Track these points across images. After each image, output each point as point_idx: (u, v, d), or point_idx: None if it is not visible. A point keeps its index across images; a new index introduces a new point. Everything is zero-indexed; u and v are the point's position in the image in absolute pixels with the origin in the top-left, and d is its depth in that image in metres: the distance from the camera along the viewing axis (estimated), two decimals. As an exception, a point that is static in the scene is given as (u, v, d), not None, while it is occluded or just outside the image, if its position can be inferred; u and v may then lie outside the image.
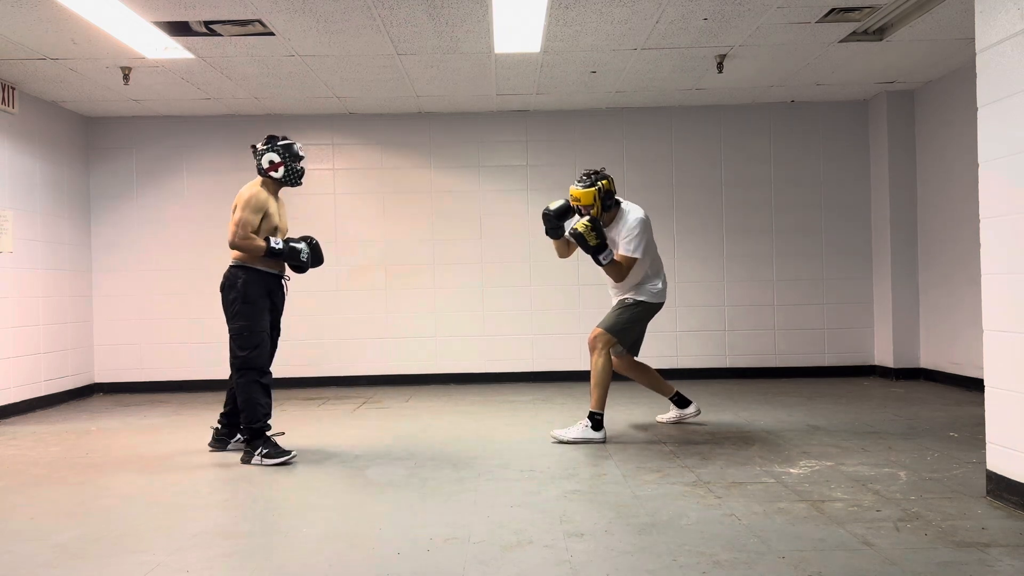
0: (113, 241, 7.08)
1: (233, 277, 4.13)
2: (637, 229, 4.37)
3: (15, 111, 5.97)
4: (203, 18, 4.67)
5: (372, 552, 2.69)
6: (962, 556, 2.53)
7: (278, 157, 4.18)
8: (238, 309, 4.10)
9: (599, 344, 4.44)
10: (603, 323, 4.52)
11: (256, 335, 4.11)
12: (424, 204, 7.14)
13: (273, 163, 4.18)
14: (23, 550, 2.80)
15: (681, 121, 7.17)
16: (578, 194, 4.36)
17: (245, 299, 4.09)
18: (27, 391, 6.08)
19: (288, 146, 4.22)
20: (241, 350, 4.09)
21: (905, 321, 6.82)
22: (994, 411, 3.18)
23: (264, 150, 4.20)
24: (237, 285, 4.10)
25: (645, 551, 2.63)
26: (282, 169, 4.19)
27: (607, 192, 4.36)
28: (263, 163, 4.19)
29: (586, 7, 4.60)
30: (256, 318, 4.11)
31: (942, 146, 6.41)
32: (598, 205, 4.35)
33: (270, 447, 4.04)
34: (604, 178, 4.37)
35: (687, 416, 4.87)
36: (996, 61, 3.09)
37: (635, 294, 4.53)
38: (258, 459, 4.02)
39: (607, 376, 4.43)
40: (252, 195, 4.11)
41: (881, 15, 4.92)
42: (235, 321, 4.11)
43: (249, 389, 4.07)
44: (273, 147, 4.20)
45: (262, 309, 4.14)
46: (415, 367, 7.12)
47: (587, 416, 4.44)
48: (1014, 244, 3.03)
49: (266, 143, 4.22)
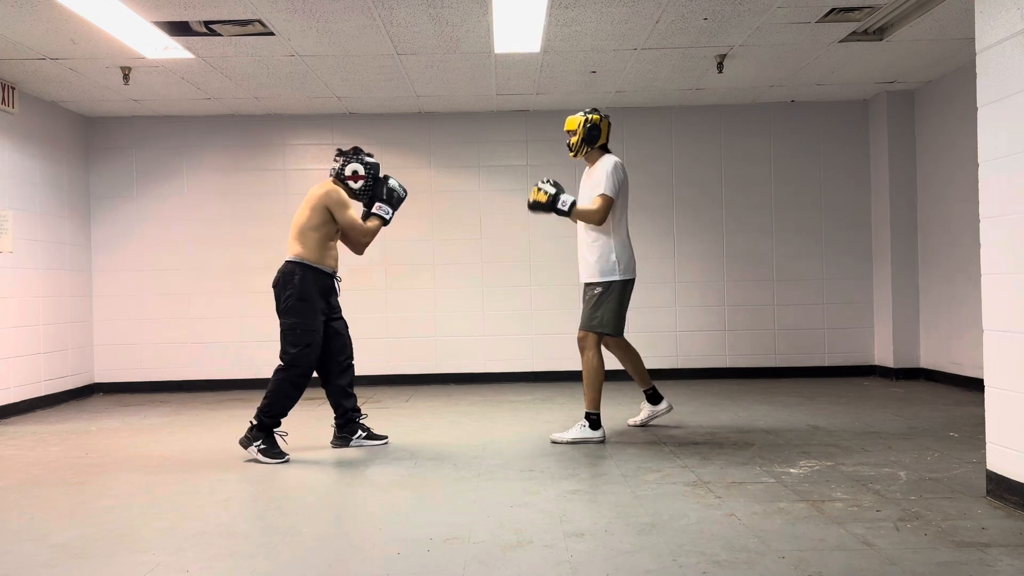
0: (113, 241, 7.08)
1: (289, 274, 4.14)
2: (610, 169, 4.33)
3: (15, 111, 5.97)
4: (203, 18, 4.67)
5: (372, 552, 2.69)
6: (962, 556, 2.52)
7: (363, 170, 4.33)
8: (292, 305, 4.12)
9: (587, 344, 4.39)
10: (583, 323, 4.42)
11: (308, 333, 4.13)
12: (424, 204, 7.14)
13: (356, 174, 4.32)
14: (23, 550, 2.80)
15: (681, 121, 7.17)
16: (569, 119, 4.49)
17: (300, 296, 4.11)
18: (27, 391, 6.08)
19: (376, 165, 4.38)
20: (292, 347, 4.11)
21: (905, 321, 6.82)
22: (994, 411, 3.17)
23: (352, 159, 4.34)
24: (294, 281, 4.11)
25: (645, 551, 2.62)
26: (362, 183, 4.33)
27: (593, 125, 4.41)
28: (346, 170, 4.31)
29: (586, 7, 4.60)
30: (310, 316, 4.14)
31: (942, 146, 6.41)
32: (580, 133, 4.42)
33: (270, 444, 4.07)
34: (597, 114, 4.43)
35: (659, 413, 4.76)
36: (996, 61, 3.09)
37: (597, 275, 4.38)
38: (254, 451, 4.06)
39: (599, 375, 4.39)
40: (336, 191, 4.20)
41: (881, 15, 4.92)
42: (288, 317, 4.13)
43: (285, 384, 4.10)
44: (360, 159, 4.34)
45: (316, 308, 4.16)
46: (415, 367, 7.12)
47: (583, 416, 4.42)
48: (1014, 244, 3.03)
49: (353, 152, 4.37)
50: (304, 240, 4.17)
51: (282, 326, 4.16)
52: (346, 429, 4.42)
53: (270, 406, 4.10)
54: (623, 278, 4.40)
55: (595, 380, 4.38)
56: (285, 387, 4.11)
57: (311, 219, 4.18)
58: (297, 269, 4.14)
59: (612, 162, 4.39)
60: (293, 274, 4.14)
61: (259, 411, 4.11)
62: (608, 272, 4.39)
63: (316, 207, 4.18)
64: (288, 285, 4.13)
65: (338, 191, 4.22)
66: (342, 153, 4.39)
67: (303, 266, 4.15)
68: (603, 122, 4.44)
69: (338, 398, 4.39)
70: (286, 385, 4.11)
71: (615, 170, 4.35)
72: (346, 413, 4.41)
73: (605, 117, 4.48)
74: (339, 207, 4.18)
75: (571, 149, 4.50)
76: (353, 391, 4.43)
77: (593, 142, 4.44)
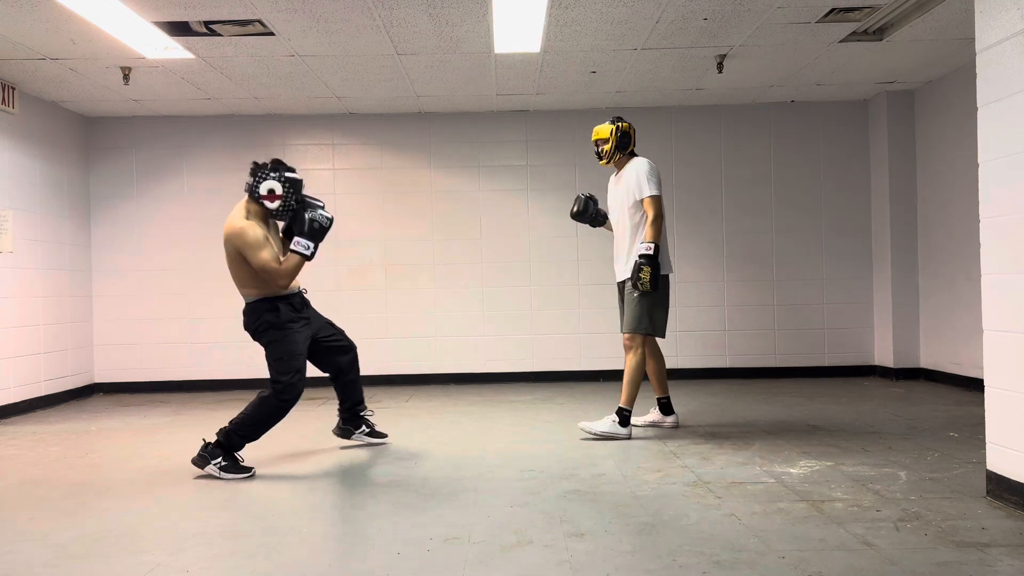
0: (113, 241, 7.08)
1: (257, 313, 3.91)
2: (647, 169, 4.48)
3: (15, 111, 5.97)
4: (203, 18, 4.67)
5: (372, 552, 2.69)
6: (962, 556, 2.53)
7: (280, 189, 3.85)
8: (272, 338, 3.89)
9: (634, 344, 4.46)
10: (627, 325, 4.48)
11: (295, 359, 3.90)
12: (424, 204, 7.14)
13: (272, 193, 3.85)
14: (23, 550, 2.80)
15: (681, 121, 7.17)
16: (598, 128, 4.62)
17: (276, 326, 3.89)
18: (27, 391, 6.08)
19: (296, 182, 3.89)
20: (282, 375, 3.85)
21: (905, 321, 6.82)
22: (994, 411, 3.17)
23: (267, 176, 3.86)
24: (266, 318, 3.89)
25: (645, 551, 2.63)
26: (279, 203, 3.86)
27: (624, 132, 4.57)
28: (261, 188, 3.85)
29: (586, 7, 4.60)
30: (292, 342, 3.91)
31: (942, 146, 6.41)
32: (613, 140, 4.56)
33: (230, 461, 3.81)
34: (625, 122, 4.60)
35: (664, 423, 4.79)
36: (996, 61, 3.09)
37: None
38: (214, 468, 3.78)
39: (639, 374, 4.46)
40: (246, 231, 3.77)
41: (881, 15, 4.92)
42: (272, 351, 3.89)
43: (270, 407, 3.86)
44: (280, 177, 3.86)
45: (295, 331, 3.94)
46: (415, 367, 7.12)
47: (615, 411, 4.48)
48: (1014, 244, 3.03)
49: (273, 168, 3.88)
50: (246, 282, 3.89)
51: (268, 358, 3.91)
52: (350, 423, 4.41)
53: (244, 426, 3.83)
54: (662, 273, 4.49)
55: (636, 378, 4.45)
56: (269, 409, 3.86)
57: (239, 270, 3.86)
58: (260, 306, 3.90)
59: (647, 163, 4.53)
60: (260, 311, 3.90)
61: (229, 430, 3.82)
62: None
63: (229, 253, 3.83)
64: (261, 323, 3.89)
65: (248, 229, 3.77)
66: (258, 167, 3.89)
67: (268, 300, 3.90)
68: (631, 129, 4.61)
69: (347, 391, 4.37)
70: (271, 410, 3.86)
71: (652, 169, 4.51)
72: (353, 407, 4.39)
73: (631, 124, 4.65)
74: (249, 250, 3.76)
75: (602, 157, 4.63)
76: (360, 385, 4.41)
77: (624, 148, 4.60)
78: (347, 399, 4.40)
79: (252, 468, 3.85)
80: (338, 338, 4.29)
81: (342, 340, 4.31)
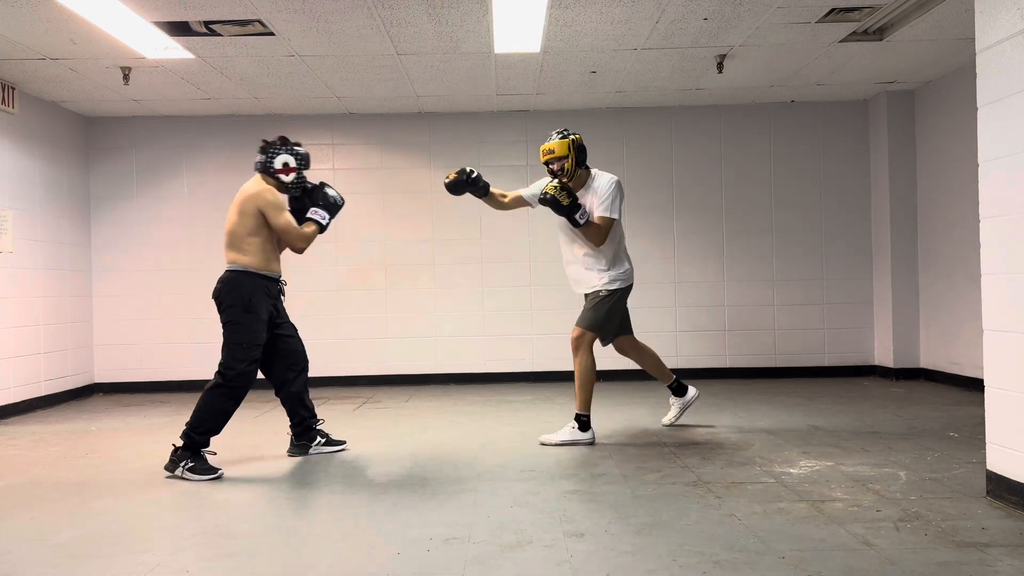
0: (113, 241, 7.08)
1: (234, 283, 3.88)
2: (611, 189, 4.32)
3: (15, 111, 5.97)
4: (203, 18, 4.67)
5: (372, 552, 2.69)
6: (962, 556, 2.52)
7: (294, 161, 4.00)
8: (237, 318, 3.85)
9: (582, 344, 4.37)
10: (581, 322, 4.42)
11: (254, 348, 3.88)
12: (424, 204, 7.14)
13: (288, 166, 3.99)
14: (23, 550, 2.80)
15: (681, 121, 7.17)
16: (552, 146, 4.31)
17: (247, 308, 3.86)
18: (27, 391, 6.08)
19: (306, 154, 4.06)
20: (237, 362, 3.82)
21: (905, 321, 6.82)
22: (994, 411, 3.17)
23: (279, 151, 4.00)
24: (240, 292, 3.86)
25: (645, 551, 2.63)
26: (293, 176, 4.01)
27: (580, 146, 4.34)
28: (276, 163, 3.97)
29: (586, 7, 4.60)
30: (256, 330, 3.89)
31: (942, 146, 6.41)
32: (572, 156, 4.30)
33: (197, 461, 3.77)
34: (575, 134, 4.36)
35: (688, 403, 4.72)
36: (996, 61, 3.09)
37: (606, 283, 4.38)
38: (182, 471, 3.74)
39: (591, 376, 4.36)
40: (267, 192, 3.90)
41: (881, 15, 4.92)
42: (235, 331, 3.85)
43: (222, 400, 3.82)
44: (290, 149, 4.01)
45: (262, 320, 3.91)
46: (415, 367, 7.12)
47: (573, 418, 4.40)
48: (1014, 244, 3.03)
49: (281, 142, 4.03)
50: (242, 247, 3.89)
51: (226, 339, 3.86)
52: (304, 437, 4.24)
53: (202, 422, 3.79)
54: (623, 286, 4.45)
55: (587, 381, 4.35)
56: (222, 402, 3.82)
57: (244, 224, 3.89)
58: (242, 278, 3.87)
59: (614, 181, 4.36)
60: (238, 284, 3.87)
61: (187, 430, 3.79)
62: (617, 281, 4.41)
63: (246, 211, 3.89)
64: (232, 296, 3.86)
65: (270, 191, 3.91)
66: (269, 144, 4.03)
67: (248, 274, 3.89)
68: (581, 139, 4.38)
69: (294, 405, 4.18)
70: (224, 400, 3.82)
71: (618, 190, 4.35)
72: (304, 421, 4.22)
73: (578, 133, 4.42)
74: (273, 210, 3.88)
75: (562, 175, 4.32)
76: (309, 398, 4.25)
77: (583, 162, 4.38)
78: (295, 413, 4.21)
79: (220, 469, 3.82)
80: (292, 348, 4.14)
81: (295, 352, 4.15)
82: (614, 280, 4.40)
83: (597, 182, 4.38)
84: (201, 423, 3.81)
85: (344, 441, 4.41)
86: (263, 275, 3.94)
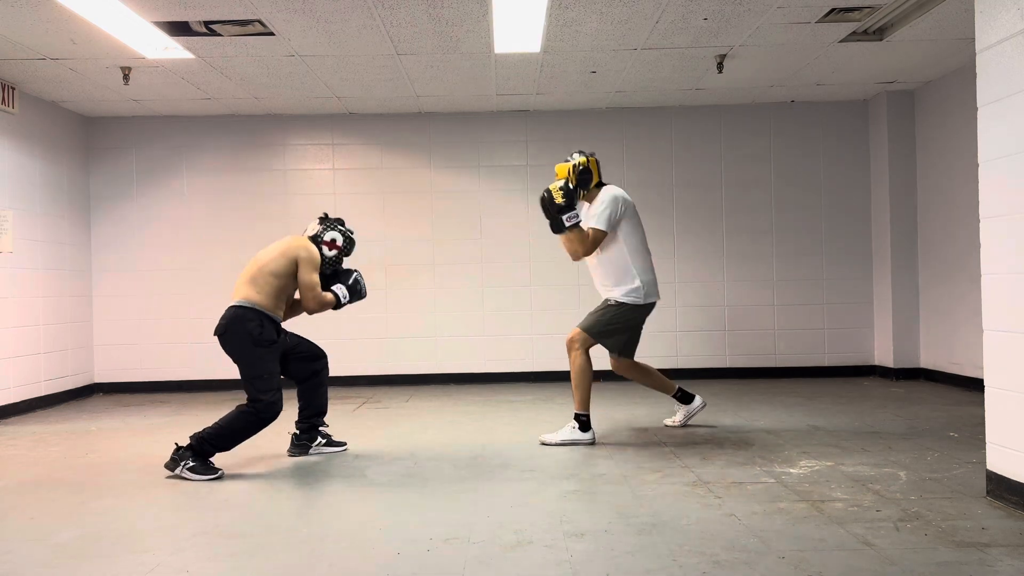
0: (113, 241, 7.08)
1: (240, 319, 3.91)
2: (605, 202, 4.32)
3: (15, 111, 5.97)
4: (203, 18, 4.67)
5: (372, 552, 2.69)
6: (962, 556, 2.53)
7: (342, 241, 4.19)
8: (256, 355, 3.91)
9: (576, 344, 4.37)
10: (582, 323, 4.43)
11: (275, 377, 3.95)
12: (424, 204, 7.14)
13: (334, 243, 4.18)
14: (23, 550, 2.80)
15: (681, 121, 7.17)
16: (558, 167, 4.43)
17: (257, 342, 3.90)
18: (27, 391, 6.08)
19: (352, 243, 4.25)
20: (263, 393, 3.87)
21: (905, 321, 6.82)
22: (994, 411, 3.17)
23: (335, 227, 4.20)
24: (248, 328, 3.89)
25: (645, 551, 2.63)
26: (335, 253, 4.18)
27: (584, 169, 4.36)
28: (325, 236, 4.16)
29: (586, 7, 4.60)
30: (271, 361, 3.96)
31: (942, 146, 6.41)
32: (573, 180, 4.35)
33: (199, 461, 3.80)
34: (585, 156, 4.39)
35: (694, 411, 4.75)
36: (996, 61, 3.09)
37: (618, 294, 4.40)
38: (182, 470, 3.76)
39: (587, 376, 4.36)
40: (314, 251, 4.07)
41: (881, 15, 4.92)
42: (250, 367, 3.91)
43: (248, 424, 3.88)
44: (342, 230, 4.21)
45: (275, 352, 3.99)
46: (415, 367, 7.12)
47: (573, 418, 4.40)
48: (1014, 244, 3.03)
49: (336, 221, 4.24)
50: (262, 284, 3.96)
51: (243, 375, 3.92)
52: (306, 436, 4.27)
53: (220, 437, 3.83)
54: (634, 302, 4.41)
55: (583, 381, 4.35)
56: (248, 422, 3.87)
57: (277, 263, 3.99)
58: (250, 314, 3.91)
59: (611, 195, 4.36)
60: (245, 319, 3.90)
61: (202, 437, 3.81)
62: (630, 295, 4.39)
63: (288, 255, 4.01)
64: (241, 333, 3.89)
65: (313, 249, 4.07)
66: (327, 219, 4.26)
67: (258, 313, 3.93)
68: (591, 162, 4.40)
69: (311, 403, 4.27)
70: (250, 424, 3.88)
71: (612, 203, 4.32)
72: (312, 419, 4.28)
73: (592, 155, 4.43)
74: (307, 264, 4.01)
75: None
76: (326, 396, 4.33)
77: (587, 185, 4.39)
78: (309, 406, 4.27)
79: (220, 470, 3.84)
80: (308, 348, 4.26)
81: (313, 348, 4.28)
82: (626, 294, 4.40)
83: (599, 197, 4.39)
84: (219, 439, 3.85)
85: (345, 443, 4.40)
86: (270, 316, 3.99)
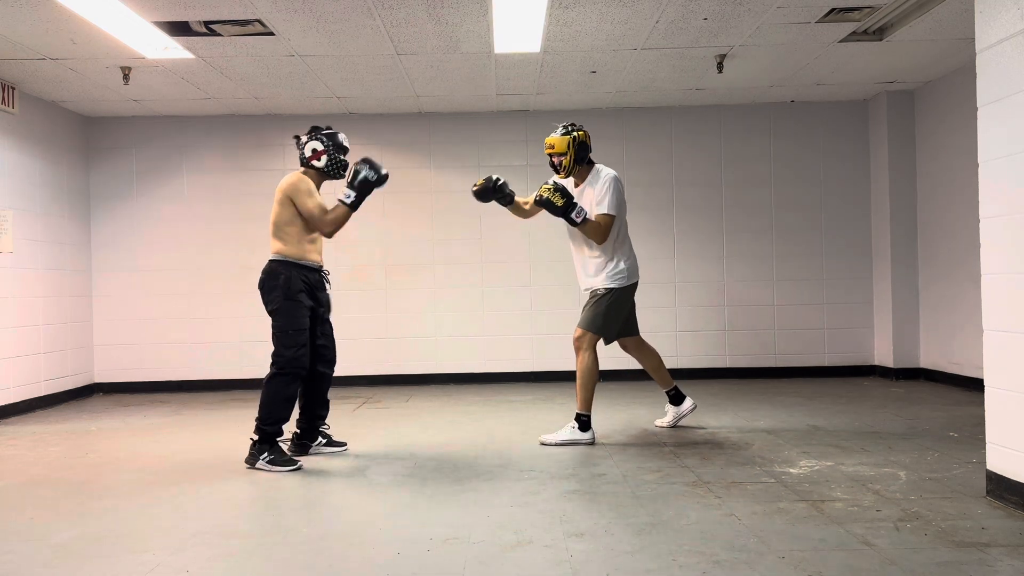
0: (113, 241, 7.08)
1: (273, 273, 3.98)
2: (608, 185, 4.33)
3: (15, 111, 5.97)
4: (203, 18, 4.67)
5: (372, 552, 2.69)
6: (962, 556, 2.53)
7: (321, 145, 4.05)
8: (279, 307, 3.95)
9: (583, 344, 4.36)
10: (583, 322, 4.41)
11: (300, 333, 3.96)
12: (424, 204, 7.14)
13: (316, 151, 4.05)
14: (23, 550, 2.80)
15: (681, 121, 7.17)
16: (552, 140, 4.36)
17: (287, 295, 3.94)
18: (27, 391, 6.08)
19: (332, 135, 4.09)
20: (286, 348, 3.93)
21: (905, 321, 6.82)
22: (994, 411, 3.17)
23: (307, 139, 4.08)
24: (279, 281, 3.95)
25: (645, 551, 2.63)
26: (325, 158, 4.05)
27: (582, 143, 4.35)
28: (305, 151, 4.06)
29: (586, 7, 4.60)
30: (299, 316, 3.96)
31: (942, 146, 6.41)
32: (571, 153, 4.34)
33: (276, 453, 3.90)
34: (580, 130, 4.38)
35: (683, 413, 4.74)
36: (996, 61, 3.09)
37: (605, 281, 4.39)
38: (264, 464, 3.87)
39: (592, 377, 4.36)
40: (300, 181, 3.98)
41: (881, 15, 4.92)
42: (277, 319, 3.96)
43: (280, 389, 3.93)
44: (317, 136, 4.08)
45: (304, 306, 3.99)
46: (415, 367, 7.12)
47: (574, 418, 4.40)
48: (1014, 244, 3.03)
49: (309, 132, 4.11)
50: (282, 236, 4.00)
51: (273, 328, 3.98)
52: (306, 436, 4.25)
53: (268, 415, 3.90)
54: (623, 284, 4.43)
55: (588, 381, 4.35)
56: (283, 389, 3.93)
57: (281, 214, 4.00)
58: (280, 268, 3.98)
59: (611, 177, 4.36)
60: (277, 274, 3.97)
61: (258, 423, 3.91)
62: (615, 279, 4.40)
63: (282, 200, 4.00)
64: (273, 285, 3.96)
65: (303, 180, 4.00)
66: (298, 137, 4.14)
67: (286, 263, 3.98)
68: (587, 137, 4.40)
69: (312, 403, 4.23)
70: (283, 387, 3.94)
71: (615, 185, 4.35)
72: (314, 420, 4.25)
73: (584, 129, 4.43)
74: (300, 196, 3.96)
75: (560, 169, 4.39)
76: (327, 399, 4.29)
77: (583, 160, 4.40)
78: (310, 406, 4.23)
79: (299, 461, 3.94)
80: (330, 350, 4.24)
81: (331, 354, 4.25)
82: (611, 278, 4.40)
83: (598, 177, 4.40)
84: (269, 414, 3.91)
85: (345, 443, 4.40)
86: (301, 264, 4.02)
